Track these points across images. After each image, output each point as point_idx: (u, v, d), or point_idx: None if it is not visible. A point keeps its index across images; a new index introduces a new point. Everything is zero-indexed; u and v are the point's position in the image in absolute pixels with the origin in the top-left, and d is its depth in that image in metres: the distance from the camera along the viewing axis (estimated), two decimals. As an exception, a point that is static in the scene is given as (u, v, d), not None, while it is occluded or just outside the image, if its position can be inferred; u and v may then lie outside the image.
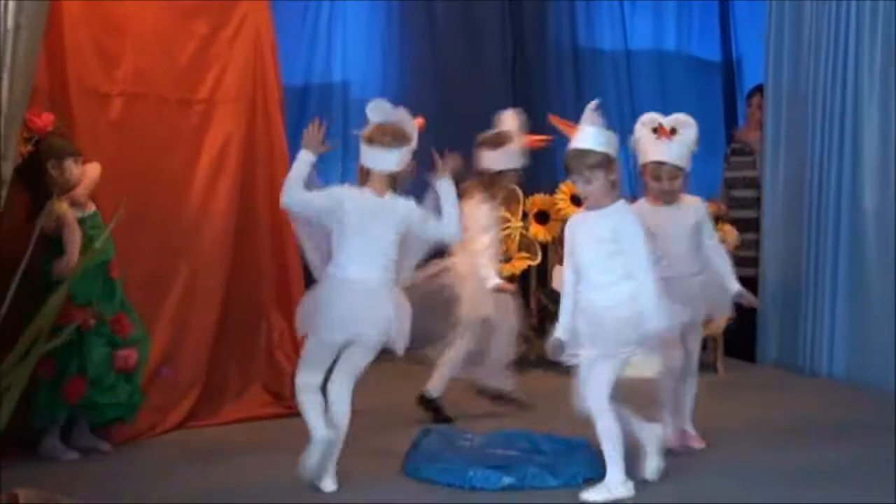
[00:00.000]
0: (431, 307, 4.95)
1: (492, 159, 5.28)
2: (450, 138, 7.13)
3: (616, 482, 4.06)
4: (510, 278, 6.05)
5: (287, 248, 5.49)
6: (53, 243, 4.48)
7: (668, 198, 4.71)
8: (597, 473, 4.26)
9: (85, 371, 4.50)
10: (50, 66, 4.63)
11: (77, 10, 4.75)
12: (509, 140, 5.28)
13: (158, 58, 5.06)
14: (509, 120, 5.34)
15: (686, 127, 4.71)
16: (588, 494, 4.06)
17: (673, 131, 4.68)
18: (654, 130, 4.71)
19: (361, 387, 5.66)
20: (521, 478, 4.18)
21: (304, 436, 4.90)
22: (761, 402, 5.62)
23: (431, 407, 5.24)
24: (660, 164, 4.68)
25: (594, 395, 4.06)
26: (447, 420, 5.20)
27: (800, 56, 6.35)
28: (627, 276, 4.05)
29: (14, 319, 3.72)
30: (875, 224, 5.88)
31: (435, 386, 5.26)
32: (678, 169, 4.68)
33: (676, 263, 4.55)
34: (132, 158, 4.94)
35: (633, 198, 4.85)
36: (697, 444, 4.76)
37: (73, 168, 4.57)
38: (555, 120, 4.52)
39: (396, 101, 7.16)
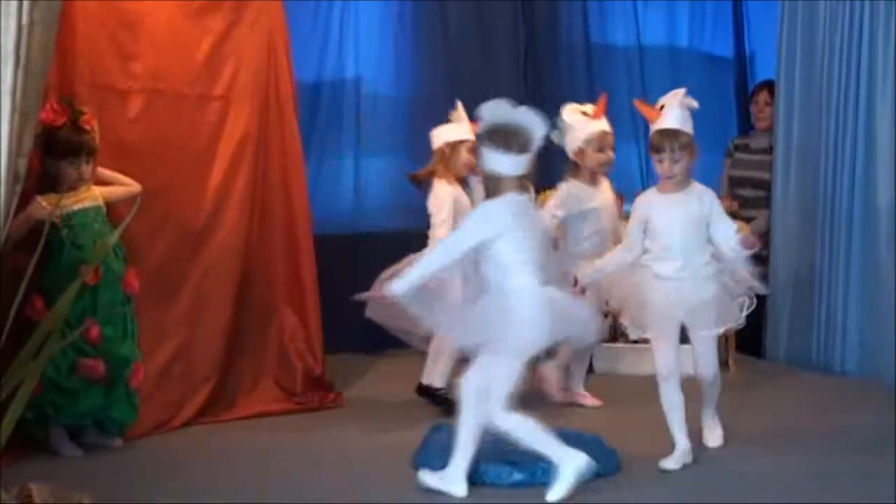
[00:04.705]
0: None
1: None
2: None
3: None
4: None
5: (300, 244, 5.52)
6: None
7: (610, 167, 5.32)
8: (608, 469, 4.27)
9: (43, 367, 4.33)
10: (61, 64, 4.61)
11: (92, 8, 4.76)
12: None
13: (174, 54, 5.08)
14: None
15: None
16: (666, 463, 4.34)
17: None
18: (584, 114, 5.25)
19: (372, 383, 5.72)
20: (532, 473, 4.19)
21: (313, 431, 4.94)
22: (775, 399, 5.62)
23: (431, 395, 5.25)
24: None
25: (709, 364, 4.49)
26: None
27: (813, 52, 6.34)
28: (711, 256, 4.39)
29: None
30: (887, 221, 5.87)
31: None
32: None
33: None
34: (151, 154, 4.96)
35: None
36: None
37: (66, 168, 4.54)
38: (639, 104, 4.68)
39: (409, 96, 7.23)
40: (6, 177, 3.36)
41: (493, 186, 4.04)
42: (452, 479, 4.05)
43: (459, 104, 5.44)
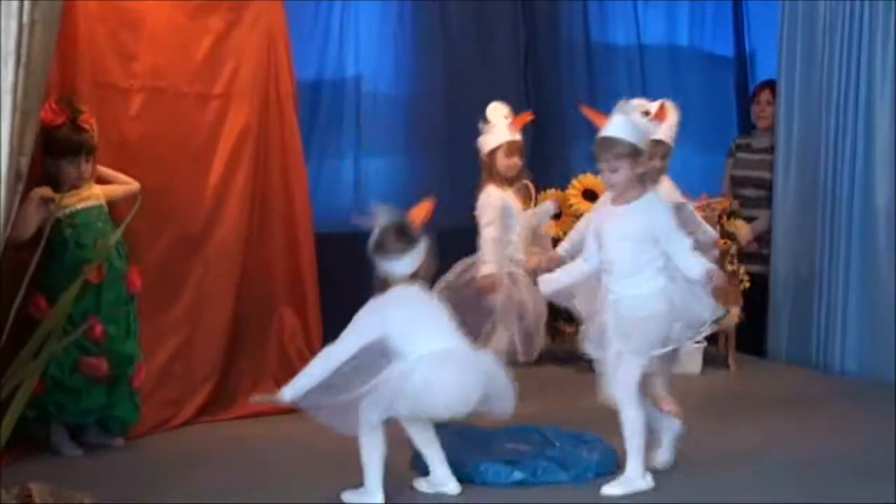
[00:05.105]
0: (464, 302, 5.07)
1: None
2: (461, 133, 7.18)
3: (637, 475, 4.10)
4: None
5: (300, 243, 5.52)
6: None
7: (659, 175, 4.89)
8: (608, 468, 4.27)
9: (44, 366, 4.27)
10: (62, 63, 4.61)
11: (93, 7, 4.77)
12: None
13: (175, 53, 5.08)
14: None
15: (672, 112, 4.90)
16: (609, 488, 4.09)
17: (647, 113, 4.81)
18: (646, 114, 4.75)
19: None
20: (532, 472, 4.20)
21: (313, 430, 4.91)
22: (775, 399, 5.62)
23: None
24: (658, 143, 4.81)
25: (621, 385, 4.10)
26: None
27: (813, 52, 6.34)
28: (659, 271, 4.12)
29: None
30: (885, 221, 5.89)
31: None
32: (670, 148, 4.92)
33: None
34: (152, 153, 4.97)
35: None
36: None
37: (66, 167, 4.54)
38: (586, 110, 4.57)
39: (409, 95, 7.21)
40: (7, 176, 3.36)
41: (382, 284, 4.04)
42: (441, 480, 4.08)
43: (489, 111, 5.40)
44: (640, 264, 4.12)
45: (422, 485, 4.14)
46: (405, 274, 4.00)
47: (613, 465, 4.32)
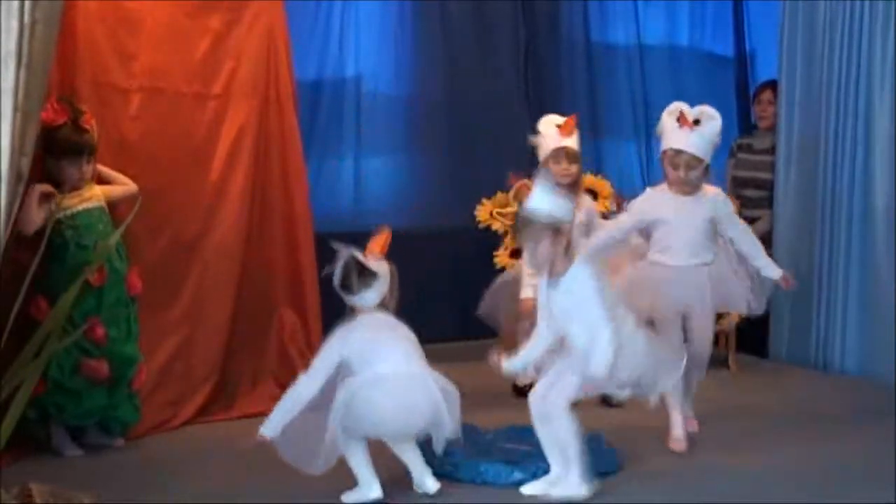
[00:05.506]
0: (505, 295, 5.37)
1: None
2: (461, 133, 7.19)
3: (575, 482, 4.05)
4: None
5: (300, 243, 5.52)
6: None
7: (685, 188, 4.75)
8: (607, 467, 4.27)
9: (45, 368, 4.27)
10: (62, 62, 4.61)
11: (93, 7, 4.77)
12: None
13: (173, 53, 5.08)
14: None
15: (709, 119, 4.74)
16: (530, 487, 4.14)
17: (696, 122, 4.72)
18: (678, 119, 4.74)
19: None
20: (532, 473, 4.19)
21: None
22: (775, 398, 5.63)
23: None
24: (678, 151, 4.72)
25: (557, 397, 4.05)
26: None
27: (813, 52, 6.35)
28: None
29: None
30: (884, 221, 5.89)
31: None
32: (697, 160, 4.70)
33: (685, 253, 4.71)
34: (152, 152, 4.97)
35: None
36: (691, 427, 4.85)
37: (67, 168, 4.53)
38: (514, 180, 4.55)
39: (409, 95, 7.21)
40: (8, 176, 3.36)
41: (351, 313, 4.13)
42: (421, 480, 4.12)
43: (540, 123, 5.33)
44: (592, 334, 3.99)
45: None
46: (371, 304, 4.11)
47: (613, 465, 4.32)
